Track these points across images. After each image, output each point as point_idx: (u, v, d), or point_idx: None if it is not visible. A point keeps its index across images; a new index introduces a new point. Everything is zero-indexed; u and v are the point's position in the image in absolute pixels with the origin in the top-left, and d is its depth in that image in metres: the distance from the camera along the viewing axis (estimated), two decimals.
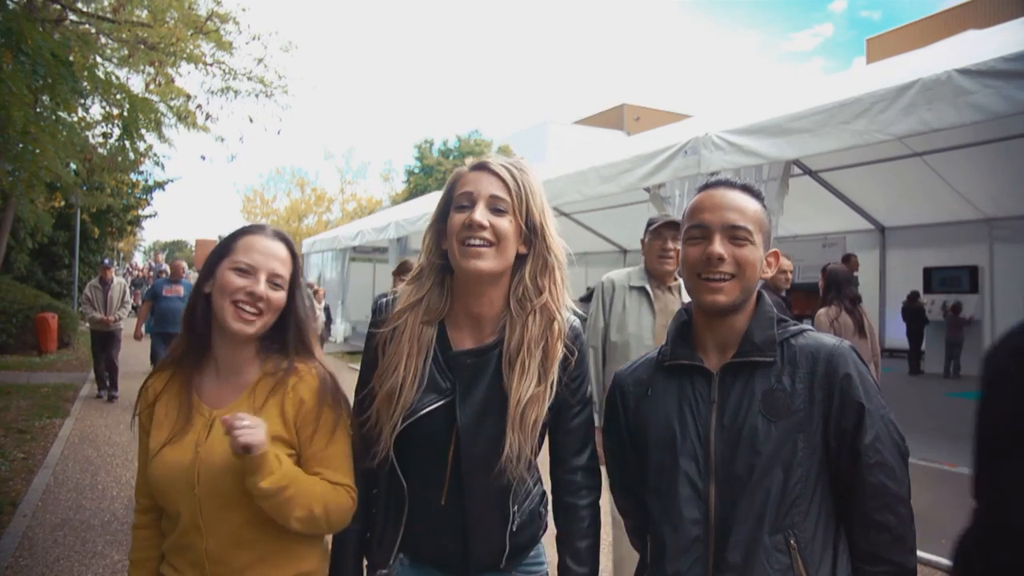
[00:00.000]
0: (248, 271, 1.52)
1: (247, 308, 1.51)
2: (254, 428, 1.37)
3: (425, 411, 1.45)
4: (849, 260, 9.75)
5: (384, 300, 1.58)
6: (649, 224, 3.47)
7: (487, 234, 1.41)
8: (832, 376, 1.35)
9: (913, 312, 12.18)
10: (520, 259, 1.49)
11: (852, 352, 1.39)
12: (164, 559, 1.58)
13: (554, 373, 1.48)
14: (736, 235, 1.38)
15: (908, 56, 6.57)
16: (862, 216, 11.60)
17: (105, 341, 9.72)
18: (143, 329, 9.65)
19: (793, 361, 1.37)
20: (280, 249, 1.57)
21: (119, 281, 10.00)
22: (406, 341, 1.47)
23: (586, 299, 15.63)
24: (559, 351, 1.49)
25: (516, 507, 1.52)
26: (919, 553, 4.32)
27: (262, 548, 1.51)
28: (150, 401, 1.59)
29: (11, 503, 5.25)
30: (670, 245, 3.31)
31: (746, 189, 1.45)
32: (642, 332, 3.29)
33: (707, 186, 1.48)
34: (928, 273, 12.47)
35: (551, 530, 1.65)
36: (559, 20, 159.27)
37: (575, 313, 1.58)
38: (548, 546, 1.67)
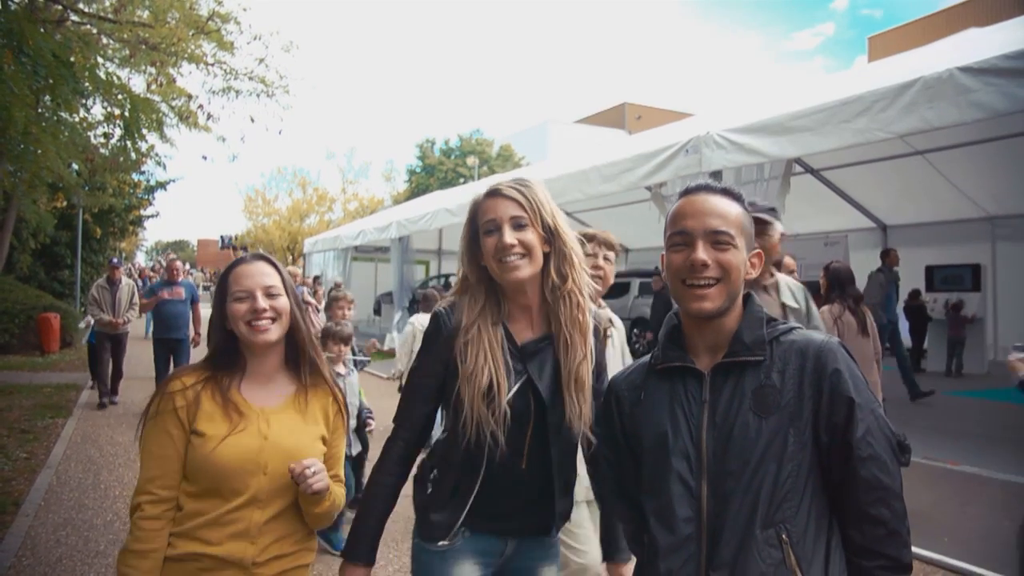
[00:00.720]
0: (245, 296, 1.79)
1: (259, 322, 1.78)
2: (320, 473, 1.71)
3: (511, 395, 1.71)
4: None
5: (442, 311, 1.82)
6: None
7: (518, 249, 1.71)
8: (821, 371, 1.36)
9: (915, 310, 12.15)
10: (546, 256, 1.76)
11: (841, 348, 1.40)
12: (182, 537, 1.75)
13: (590, 341, 1.79)
14: (718, 240, 1.41)
15: (909, 54, 6.57)
16: (864, 214, 11.58)
17: (112, 344, 9.25)
18: (144, 329, 9.45)
19: (783, 358, 1.39)
20: (263, 266, 1.85)
21: (127, 281, 9.53)
22: (486, 343, 1.73)
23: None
24: (588, 323, 1.79)
25: (576, 467, 1.83)
26: (922, 551, 4.31)
27: (292, 524, 1.83)
28: (191, 399, 1.78)
29: (14, 503, 5.26)
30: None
31: (727, 193, 1.47)
32: None
33: (687, 191, 1.51)
34: (930, 271, 12.45)
35: None
36: (560, 19, 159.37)
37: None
38: None
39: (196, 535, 1.74)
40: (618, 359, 3.04)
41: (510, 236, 1.70)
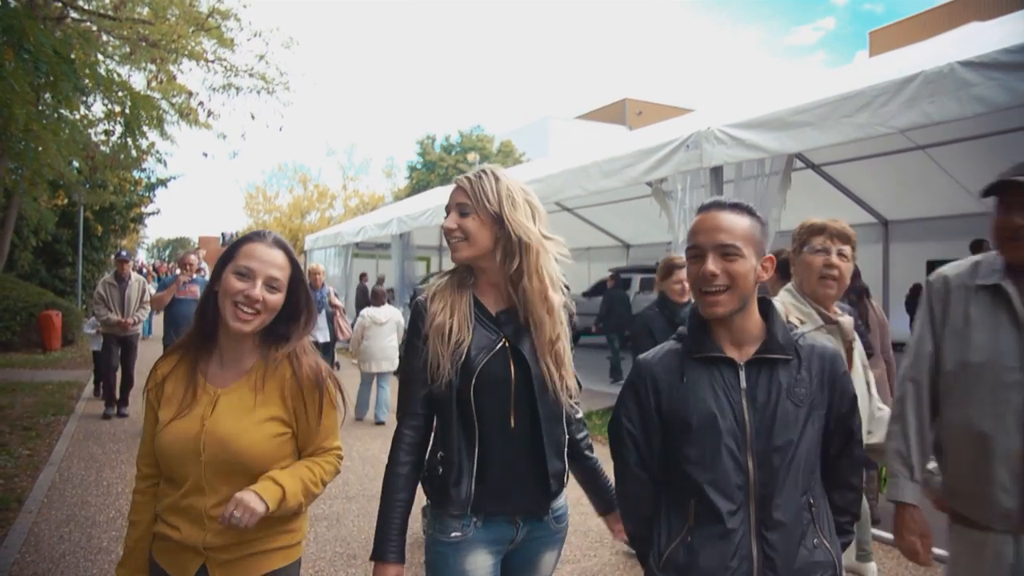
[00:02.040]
0: (247, 275, 1.75)
1: (245, 309, 1.74)
2: (243, 515, 1.63)
3: (490, 356, 1.82)
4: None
5: (421, 298, 1.94)
6: None
7: (457, 233, 1.86)
8: (836, 373, 1.70)
9: (916, 305, 12.13)
10: (498, 241, 1.87)
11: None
12: (159, 519, 1.82)
13: (560, 317, 1.90)
14: (727, 252, 1.62)
15: (910, 49, 6.56)
16: (865, 210, 11.54)
17: (121, 347, 8.42)
18: (142, 330, 8.91)
19: (808, 358, 1.67)
20: (278, 256, 1.81)
21: (137, 277, 8.64)
22: (450, 301, 1.87)
23: (589, 293, 15.66)
24: (554, 301, 1.88)
25: (566, 432, 1.95)
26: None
27: None
28: (159, 381, 1.83)
29: (17, 500, 5.28)
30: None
31: (736, 208, 1.67)
32: (1000, 356, 1.99)
33: (703, 208, 1.71)
34: (932, 266, 12.42)
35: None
36: (560, 15, 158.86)
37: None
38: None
39: (164, 518, 1.80)
40: (860, 380, 2.63)
41: (451, 221, 1.87)
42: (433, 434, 1.93)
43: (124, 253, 9.03)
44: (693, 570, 1.61)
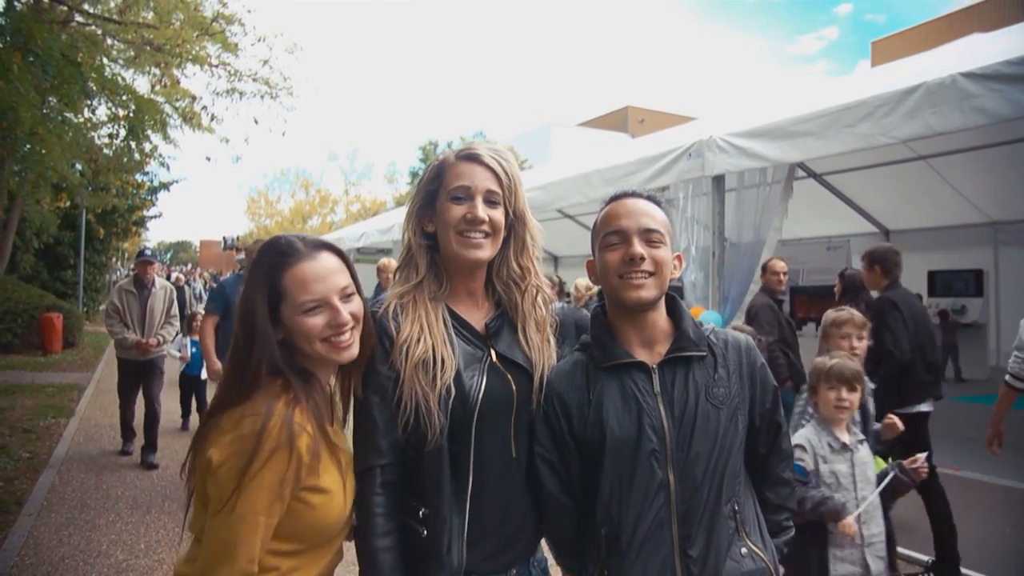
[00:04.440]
0: (321, 306, 1.44)
1: (342, 337, 1.45)
2: None
3: (486, 377, 1.52)
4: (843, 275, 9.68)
5: (375, 309, 1.57)
6: None
7: (486, 227, 1.53)
8: (753, 366, 1.60)
9: None
10: (504, 241, 1.61)
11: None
12: None
13: (550, 333, 1.65)
14: (651, 238, 1.54)
15: (913, 59, 6.56)
16: (866, 219, 11.53)
17: (141, 375, 6.53)
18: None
19: (723, 354, 1.57)
20: (331, 261, 1.49)
21: (163, 284, 6.77)
22: (422, 315, 1.52)
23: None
24: (548, 318, 1.66)
25: None
26: (924, 557, 4.30)
27: None
28: (313, 448, 1.39)
29: (16, 502, 5.27)
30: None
31: (651, 199, 1.62)
32: None
33: (616, 197, 1.63)
34: (933, 276, 12.44)
35: None
36: (563, 22, 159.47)
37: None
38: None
39: None
40: None
41: (483, 210, 1.52)
42: (407, 487, 1.53)
43: (149, 252, 6.95)
44: None
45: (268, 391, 1.38)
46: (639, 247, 1.52)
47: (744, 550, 1.50)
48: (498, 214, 1.55)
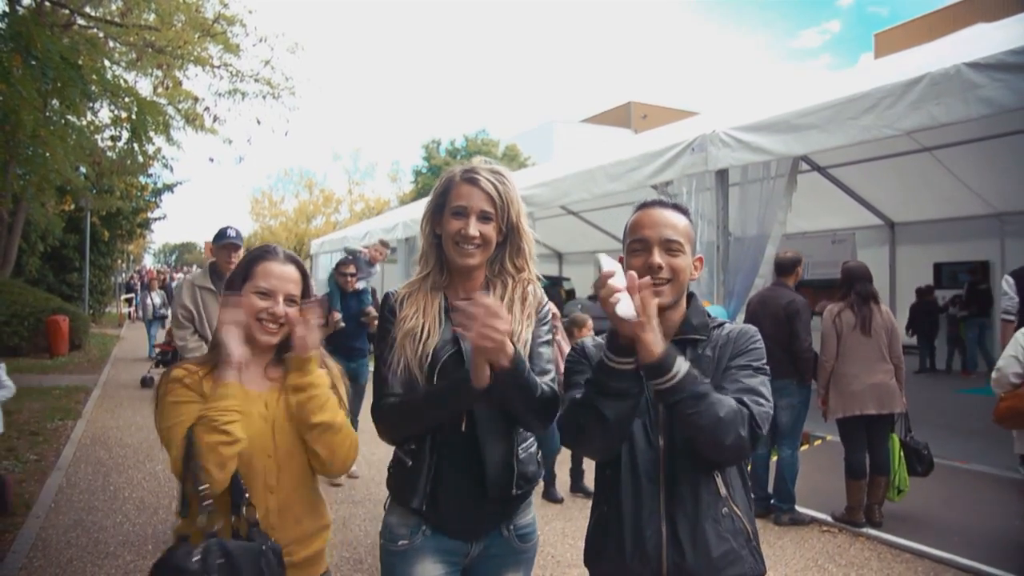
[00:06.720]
0: (268, 295, 1.85)
1: (270, 324, 1.85)
2: (311, 333, 1.82)
3: (451, 352, 1.81)
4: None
5: (391, 291, 1.96)
6: None
7: (477, 241, 1.82)
8: (739, 343, 1.73)
9: (923, 309, 12.15)
10: (498, 245, 1.89)
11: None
12: None
13: (532, 319, 1.89)
14: (671, 247, 1.70)
15: (916, 51, 6.52)
16: (871, 212, 11.50)
17: None
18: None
19: (716, 340, 1.75)
20: (292, 272, 1.91)
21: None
22: (422, 301, 1.88)
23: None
24: (533, 303, 1.90)
25: (519, 437, 1.88)
26: (932, 550, 4.28)
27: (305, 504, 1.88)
28: (196, 382, 1.83)
29: (24, 505, 5.29)
30: None
31: (676, 208, 1.77)
32: None
33: (644, 205, 1.78)
34: (938, 268, 12.41)
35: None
36: (565, 19, 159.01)
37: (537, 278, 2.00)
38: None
39: None
40: None
41: (474, 228, 1.82)
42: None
43: (233, 233, 4.79)
44: (609, 547, 1.71)
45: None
46: (658, 257, 1.68)
47: (725, 510, 1.66)
48: (490, 229, 1.84)
